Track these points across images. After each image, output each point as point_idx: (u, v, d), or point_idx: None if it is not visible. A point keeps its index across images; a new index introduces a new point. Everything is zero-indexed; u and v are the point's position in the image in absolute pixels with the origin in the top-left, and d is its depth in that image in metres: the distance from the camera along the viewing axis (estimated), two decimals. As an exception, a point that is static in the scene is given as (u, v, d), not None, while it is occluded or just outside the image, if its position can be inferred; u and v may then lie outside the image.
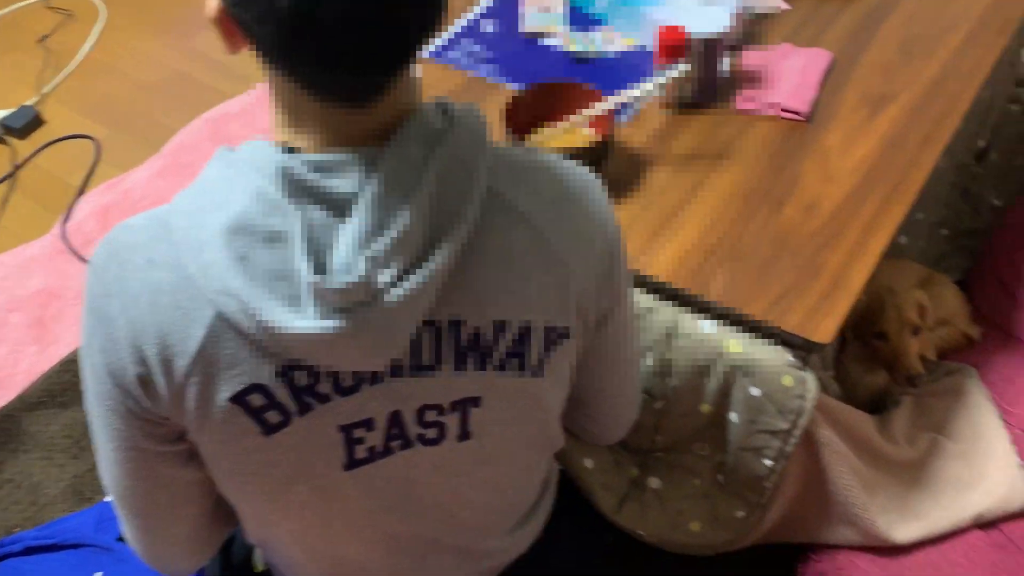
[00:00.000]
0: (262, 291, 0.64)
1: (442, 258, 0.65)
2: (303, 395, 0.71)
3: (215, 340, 0.67)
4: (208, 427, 0.72)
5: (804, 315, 1.04)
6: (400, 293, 0.64)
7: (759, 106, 1.30)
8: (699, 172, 1.22)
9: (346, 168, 0.65)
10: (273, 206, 0.64)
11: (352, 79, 0.62)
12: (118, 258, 0.69)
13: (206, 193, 0.67)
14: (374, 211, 0.64)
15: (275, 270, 0.64)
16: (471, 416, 0.79)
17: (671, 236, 1.14)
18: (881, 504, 1.16)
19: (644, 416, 1.15)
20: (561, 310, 0.76)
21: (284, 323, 0.63)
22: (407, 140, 0.66)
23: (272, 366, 0.68)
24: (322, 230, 0.64)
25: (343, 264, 0.63)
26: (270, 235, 0.64)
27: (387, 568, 0.93)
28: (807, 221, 1.14)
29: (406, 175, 0.65)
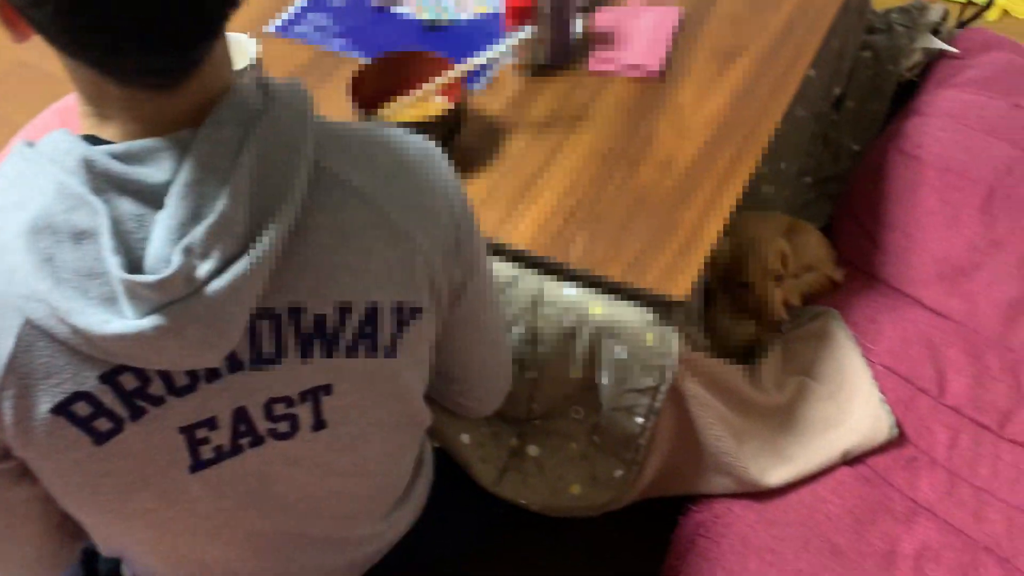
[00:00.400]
0: (72, 293, 0.60)
1: (269, 242, 0.62)
2: (134, 399, 0.67)
3: (27, 349, 0.62)
4: (32, 442, 0.67)
5: (661, 273, 1.04)
6: (223, 284, 0.61)
7: (612, 66, 1.30)
8: (556, 136, 1.21)
9: (156, 156, 0.61)
10: (77, 201, 0.59)
11: (151, 62, 0.58)
12: None
13: (3, 192, 0.62)
14: (188, 199, 0.60)
15: (85, 270, 0.60)
16: (324, 405, 0.76)
17: (530, 203, 1.13)
18: (752, 451, 1.19)
19: (518, 386, 1.14)
20: (410, 287, 0.74)
21: (98, 326, 0.60)
22: (221, 122, 0.62)
23: (95, 372, 0.64)
24: (134, 223, 0.61)
25: (158, 257, 0.60)
26: (76, 232, 0.60)
27: (255, 568, 0.90)
28: (663, 179, 1.15)
29: (221, 158, 0.61)
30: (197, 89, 0.62)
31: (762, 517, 1.18)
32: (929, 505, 1.22)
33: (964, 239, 1.50)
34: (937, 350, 1.36)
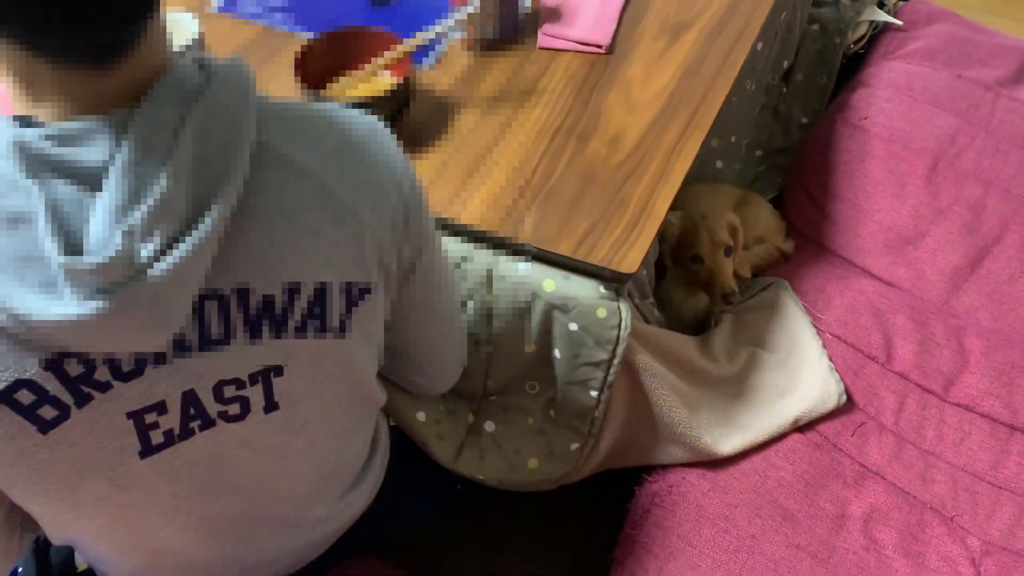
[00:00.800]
0: (9, 278, 0.59)
1: (212, 223, 0.61)
2: (79, 385, 0.66)
3: None
4: None
5: (611, 247, 1.05)
6: (166, 266, 0.60)
7: (561, 42, 1.30)
8: (506, 112, 1.21)
9: (93, 136, 0.59)
10: (10, 185, 0.58)
11: (84, 38, 0.57)
12: None
13: None
14: (128, 180, 0.59)
15: (23, 254, 0.59)
16: (275, 386, 0.76)
17: (481, 180, 1.13)
18: (705, 420, 1.21)
19: (473, 362, 1.15)
20: (358, 266, 0.74)
21: (39, 311, 0.59)
22: (160, 100, 0.61)
23: (36, 358, 0.63)
24: (72, 206, 0.59)
25: (98, 241, 0.59)
26: (11, 217, 0.58)
27: (210, 552, 0.89)
28: (612, 154, 1.15)
29: (161, 138, 0.60)
30: (133, 67, 0.61)
31: (715, 485, 1.21)
32: (878, 469, 1.25)
33: (909, 208, 1.54)
34: (884, 317, 1.39)
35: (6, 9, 0.54)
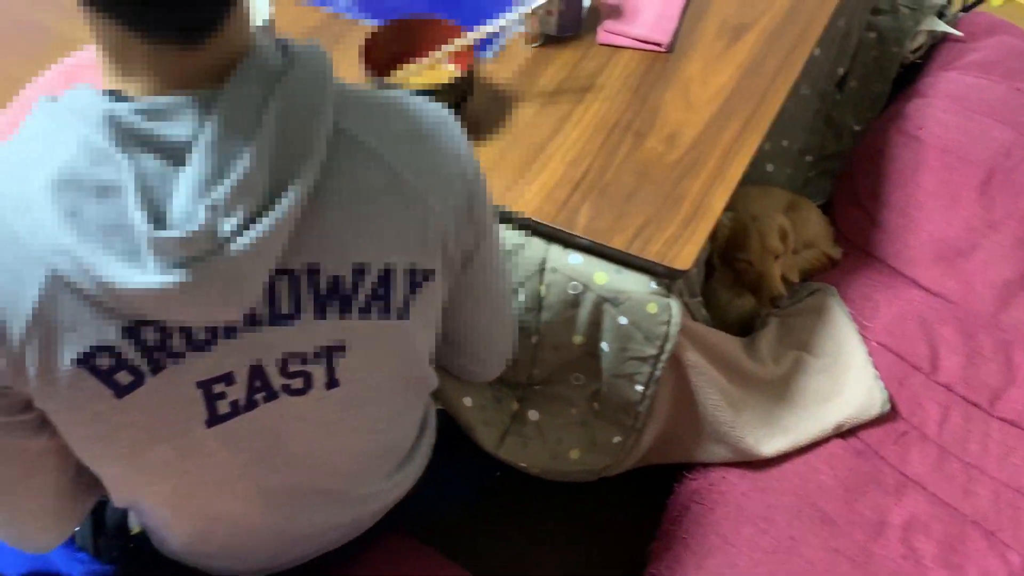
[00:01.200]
0: (96, 247, 0.60)
1: (290, 202, 0.63)
2: (154, 353, 0.68)
3: (51, 301, 0.63)
4: (54, 394, 0.68)
5: (665, 244, 1.06)
6: (246, 241, 0.62)
7: (621, 39, 1.31)
8: (564, 106, 1.22)
9: (180, 113, 0.61)
10: (101, 156, 0.60)
11: (179, 15, 0.59)
12: None
13: (28, 146, 0.63)
14: (212, 156, 0.61)
15: (109, 224, 0.61)
16: (337, 363, 0.78)
17: (537, 172, 1.14)
18: (748, 421, 1.21)
19: (520, 351, 1.16)
20: (423, 250, 0.75)
21: (123, 279, 0.61)
22: (245, 80, 0.63)
23: (117, 325, 0.65)
24: (158, 179, 0.61)
25: (182, 214, 0.61)
26: (101, 187, 0.60)
27: (263, 521, 0.92)
28: (669, 151, 1.16)
29: (245, 117, 0.62)
30: (221, 46, 0.63)
31: (756, 485, 1.21)
32: (919, 479, 1.25)
33: (962, 220, 1.52)
34: (931, 329, 1.38)
35: None
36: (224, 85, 0.62)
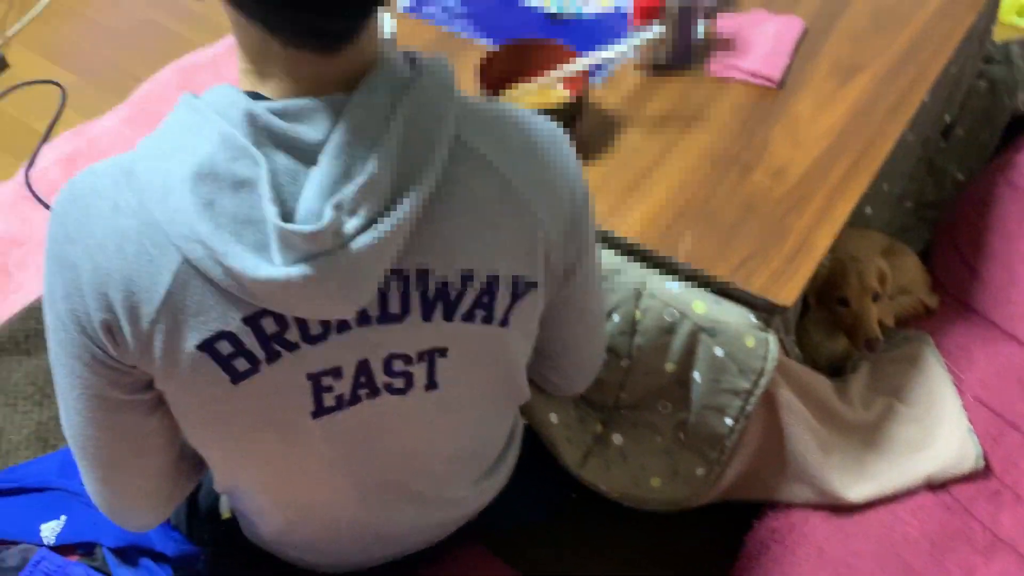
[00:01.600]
0: (228, 237, 0.63)
1: (410, 206, 0.65)
2: (271, 342, 0.71)
3: (182, 286, 0.66)
4: (176, 375, 0.72)
5: (768, 278, 1.06)
6: (367, 241, 0.64)
7: (732, 71, 1.31)
8: (671, 135, 1.23)
9: (313, 115, 0.64)
10: (239, 152, 0.63)
11: (319, 24, 0.62)
12: (81, 204, 0.68)
13: (171, 139, 0.66)
14: (341, 158, 0.63)
15: (241, 216, 0.63)
16: (438, 366, 0.80)
17: (641, 197, 1.15)
18: (836, 464, 1.19)
19: (609, 373, 1.17)
20: (528, 261, 0.77)
21: (251, 270, 0.63)
22: (374, 88, 0.65)
23: (240, 313, 0.68)
24: (288, 177, 0.64)
25: (310, 211, 0.63)
26: (236, 181, 0.63)
27: (354, 516, 0.94)
28: (775, 186, 1.16)
29: (373, 123, 0.65)
30: (353, 55, 0.66)
31: (839, 531, 1.19)
32: (1011, 540, 1.21)
33: (1069, 279, 1.48)
34: (1031, 387, 1.34)
35: None
36: (355, 91, 0.65)
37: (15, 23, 2.42)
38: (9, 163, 2.05)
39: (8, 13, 2.44)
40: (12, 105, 2.21)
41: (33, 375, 1.57)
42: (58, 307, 0.71)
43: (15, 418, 1.51)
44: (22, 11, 2.46)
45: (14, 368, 1.58)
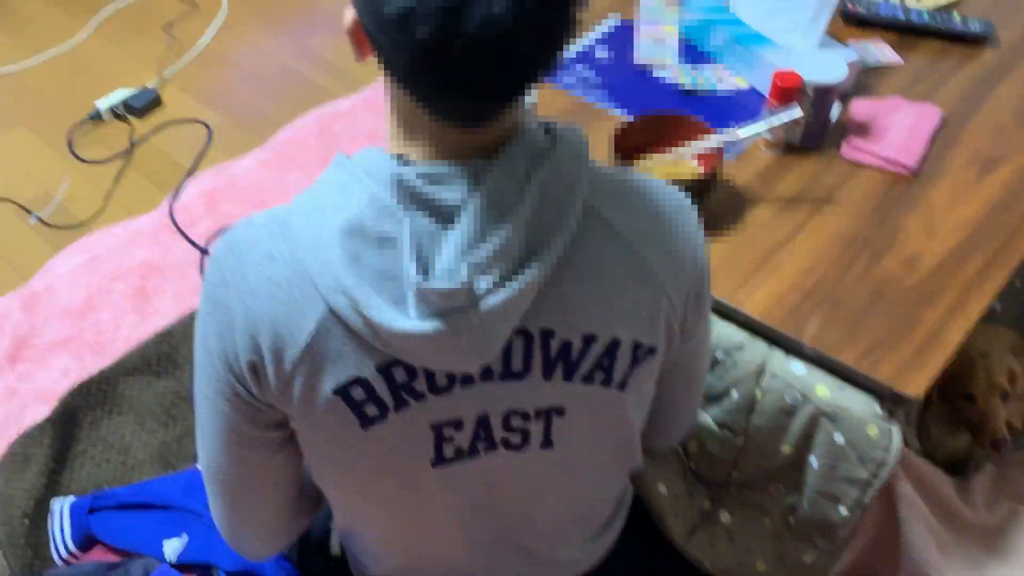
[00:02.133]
0: (370, 290, 0.67)
1: (539, 269, 0.68)
2: (400, 391, 0.74)
3: (324, 333, 0.70)
4: (310, 416, 0.76)
5: (896, 367, 1.04)
6: (497, 300, 0.67)
7: (866, 156, 1.31)
8: (801, 214, 1.23)
9: (454, 180, 0.68)
10: (385, 211, 0.67)
11: (471, 105, 0.66)
12: (238, 251, 0.73)
13: (324, 196, 0.71)
14: (478, 221, 0.67)
15: (383, 271, 0.67)
16: (555, 425, 0.81)
17: (768, 275, 1.15)
18: (956, 569, 1.15)
19: (723, 450, 1.16)
20: (650, 327, 0.78)
21: (388, 322, 0.67)
22: (513, 157, 0.69)
23: (374, 361, 0.72)
24: (427, 236, 0.68)
25: (446, 269, 0.67)
26: (381, 238, 0.67)
27: (463, 565, 0.96)
28: (906, 274, 1.14)
29: (509, 189, 0.68)
30: (496, 128, 0.69)
31: (954, 638, 1.13)
32: None
33: None
34: None
35: (420, 76, 0.63)
36: (494, 158, 0.69)
37: (171, 65, 2.61)
38: (155, 195, 2.19)
39: (166, 56, 2.64)
40: (163, 140, 2.37)
41: (161, 396, 1.66)
42: (209, 345, 0.76)
43: (142, 436, 1.60)
44: (179, 55, 2.65)
45: (144, 388, 1.67)
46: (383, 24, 0.61)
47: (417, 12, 0.58)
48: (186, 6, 2.83)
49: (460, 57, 0.60)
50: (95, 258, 1.98)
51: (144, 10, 2.83)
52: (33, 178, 2.26)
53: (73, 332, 1.82)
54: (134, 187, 2.22)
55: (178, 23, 2.77)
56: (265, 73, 2.59)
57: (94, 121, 2.40)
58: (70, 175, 2.26)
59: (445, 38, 0.59)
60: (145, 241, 2.02)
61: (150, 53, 2.65)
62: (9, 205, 2.17)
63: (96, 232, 2.07)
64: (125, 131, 2.38)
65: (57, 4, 2.85)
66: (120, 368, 1.69)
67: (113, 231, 2.06)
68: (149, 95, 2.44)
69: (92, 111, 2.40)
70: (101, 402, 1.64)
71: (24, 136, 2.38)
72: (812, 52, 1.35)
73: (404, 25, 0.59)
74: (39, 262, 2.01)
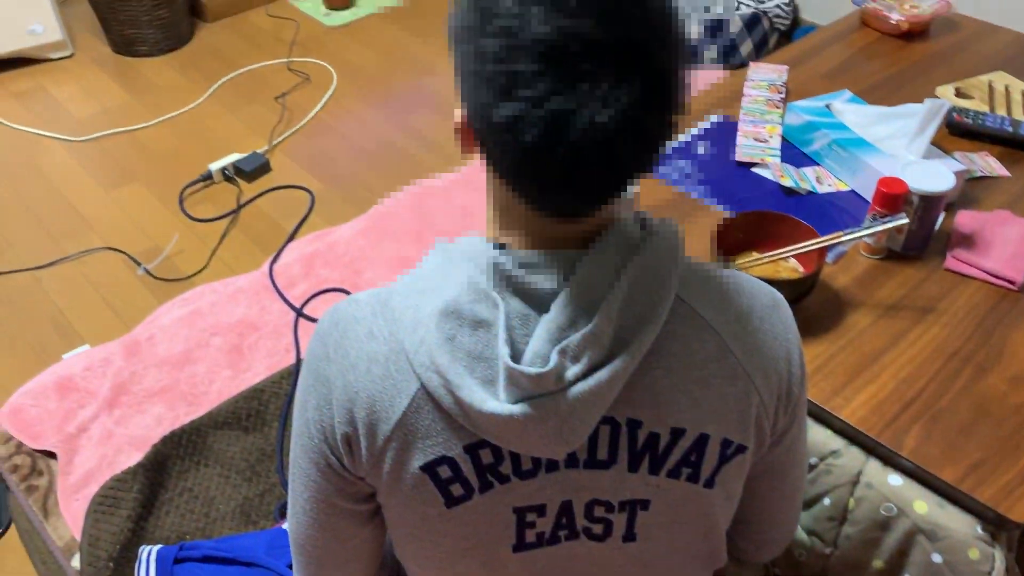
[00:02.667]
0: (463, 370, 0.69)
1: (628, 359, 0.69)
2: (486, 473, 0.75)
3: (416, 411, 0.72)
4: (398, 491, 0.77)
5: (1000, 489, 1.00)
6: (586, 387, 0.68)
7: (970, 268, 1.29)
8: (901, 323, 1.22)
9: (548, 268, 0.70)
10: (482, 295, 0.70)
11: (570, 202, 0.67)
12: (341, 327, 0.76)
13: (425, 278, 0.74)
14: (569, 309, 0.68)
15: (476, 352, 0.69)
16: (638, 518, 0.81)
17: (867, 382, 1.14)
18: None
19: (810, 559, 1.13)
20: (740, 425, 0.78)
21: (478, 403, 0.68)
22: (606, 247, 0.70)
23: (462, 441, 0.73)
24: (520, 320, 0.70)
25: (537, 354, 0.68)
26: (476, 321, 0.69)
27: None
28: (1013, 392, 1.11)
29: (601, 279, 0.69)
30: (591, 220, 0.71)
31: None
32: None
33: None
34: None
35: (524, 176, 0.66)
36: (588, 248, 0.71)
37: (281, 134, 2.74)
38: (257, 255, 2.29)
39: (277, 126, 2.78)
40: (268, 203, 2.48)
41: (247, 452, 1.70)
42: (308, 416, 0.79)
43: (226, 489, 1.64)
44: (289, 124, 2.79)
45: (232, 442, 1.72)
46: (491, 127, 0.63)
47: (525, 119, 0.61)
48: (299, 78, 2.99)
49: (563, 160, 0.62)
50: (196, 312, 2.06)
51: (260, 80, 3.00)
52: (145, 231, 2.38)
53: (169, 382, 1.89)
54: (238, 246, 2.32)
55: (290, 94, 2.92)
56: (367, 146, 2.70)
57: (205, 182, 2.54)
58: (179, 231, 2.38)
59: (550, 143, 0.61)
60: (244, 299, 2.10)
61: (262, 120, 2.79)
62: (120, 256, 2.30)
63: (199, 287, 2.16)
64: (233, 193, 2.51)
65: (182, 71, 3.05)
66: (211, 421, 1.74)
67: (215, 287, 2.15)
68: (258, 160, 2.57)
69: (205, 172, 2.54)
70: (190, 452, 1.69)
71: (140, 191, 2.52)
72: (918, 161, 1.35)
73: (512, 130, 0.62)
74: (144, 312, 2.11)
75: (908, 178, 1.27)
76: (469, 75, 0.64)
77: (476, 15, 0.63)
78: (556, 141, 0.61)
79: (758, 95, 1.68)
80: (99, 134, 2.74)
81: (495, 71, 0.61)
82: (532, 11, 0.59)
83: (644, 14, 0.61)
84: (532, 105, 0.60)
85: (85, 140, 2.73)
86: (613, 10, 0.60)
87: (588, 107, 0.60)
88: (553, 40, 0.59)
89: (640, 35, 0.61)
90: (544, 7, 0.59)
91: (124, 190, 2.53)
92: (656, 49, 0.62)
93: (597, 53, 0.59)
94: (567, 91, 0.59)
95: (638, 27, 0.61)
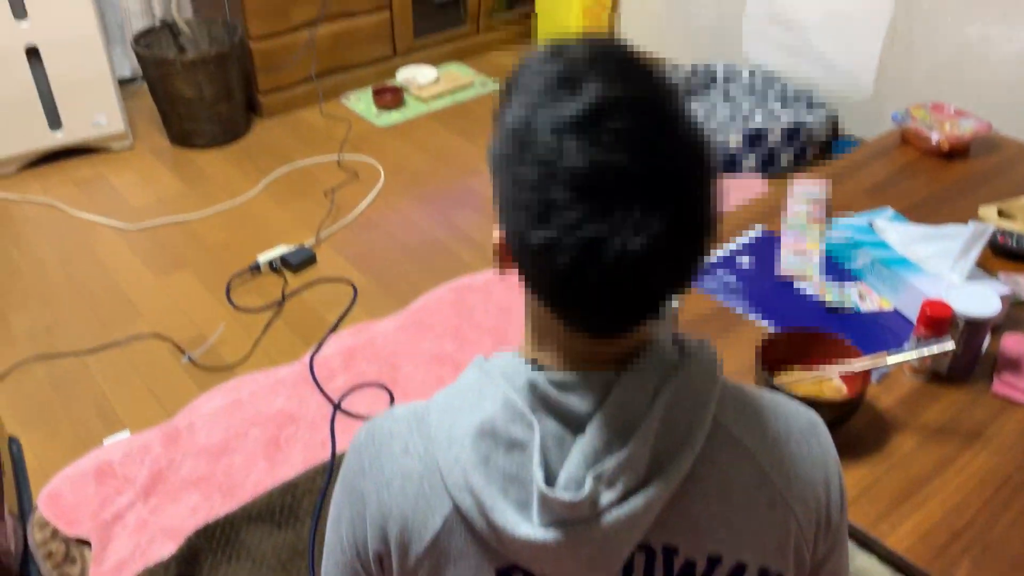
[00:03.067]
0: (497, 492, 0.69)
1: (664, 485, 0.68)
2: None
3: (449, 531, 0.72)
4: None
5: (1058, 630, 0.97)
6: (621, 514, 0.67)
7: (1019, 393, 1.28)
8: (948, 448, 1.20)
9: (584, 388, 0.70)
10: (518, 416, 0.70)
11: (604, 323, 0.68)
12: (378, 441, 0.77)
13: (461, 395, 0.74)
14: (605, 432, 0.68)
15: (511, 474, 0.69)
16: None
17: (914, 508, 1.12)
18: None
19: None
20: (779, 553, 0.76)
21: (511, 526, 0.68)
22: (642, 370, 0.70)
23: (494, 565, 0.72)
24: (555, 442, 0.69)
25: (571, 478, 0.68)
26: (511, 441, 0.69)
27: None
28: (1066, 527, 1.09)
29: (638, 402, 0.69)
30: (627, 341, 0.72)
31: None
32: None
33: None
34: None
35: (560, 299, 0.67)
36: (624, 370, 0.70)
37: (328, 227, 2.82)
38: (299, 346, 2.32)
39: (325, 220, 2.85)
40: (312, 296, 2.53)
41: (280, 548, 1.69)
42: (341, 529, 0.79)
43: (257, 585, 1.63)
44: (336, 218, 2.87)
45: (265, 537, 1.72)
46: (527, 250, 0.65)
47: (559, 244, 0.62)
48: (348, 175, 3.09)
49: (596, 283, 0.63)
50: (237, 402, 2.09)
51: (310, 176, 3.10)
52: (191, 319, 2.44)
53: (206, 472, 1.90)
54: (280, 337, 2.36)
55: (339, 189, 3.01)
56: (411, 242, 2.76)
57: (253, 272, 2.60)
58: (224, 320, 2.43)
59: (583, 268, 0.62)
60: (284, 390, 2.13)
61: (310, 214, 2.88)
62: (166, 343, 2.34)
63: (241, 377, 2.19)
64: (279, 284, 2.56)
65: (236, 164, 3.16)
66: (244, 514, 1.75)
67: (256, 377, 2.18)
68: (305, 253, 2.63)
69: (252, 263, 2.60)
70: (223, 546, 1.69)
71: (188, 280, 2.59)
72: (962, 283, 1.35)
73: (546, 254, 0.63)
74: (185, 399, 2.14)
75: (953, 302, 1.27)
76: (507, 200, 0.66)
77: (515, 145, 0.65)
78: (589, 266, 0.62)
79: (800, 209, 1.70)
80: (153, 222, 2.84)
81: (531, 199, 0.63)
82: (567, 144, 0.61)
83: (676, 146, 0.63)
84: (565, 231, 0.62)
85: (139, 228, 2.82)
86: (646, 144, 0.62)
87: (620, 234, 0.61)
88: (587, 172, 0.61)
89: (672, 166, 0.62)
90: (579, 140, 0.61)
91: (174, 277, 2.60)
92: (687, 178, 0.63)
93: (629, 184, 0.61)
94: (600, 219, 0.61)
95: (670, 159, 0.62)
